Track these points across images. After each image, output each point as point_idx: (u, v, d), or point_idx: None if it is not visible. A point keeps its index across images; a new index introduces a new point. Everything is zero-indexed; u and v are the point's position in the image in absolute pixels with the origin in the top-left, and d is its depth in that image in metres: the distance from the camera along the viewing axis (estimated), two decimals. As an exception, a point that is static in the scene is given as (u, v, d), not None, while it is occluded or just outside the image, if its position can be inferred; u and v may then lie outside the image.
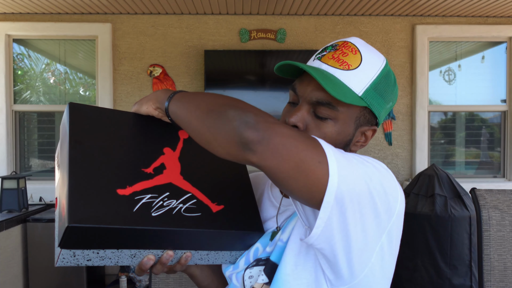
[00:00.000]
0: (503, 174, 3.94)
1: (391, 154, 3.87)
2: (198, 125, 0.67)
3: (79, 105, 0.77)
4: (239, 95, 3.72)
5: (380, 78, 0.77)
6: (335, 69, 0.75)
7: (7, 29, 3.68)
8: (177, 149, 0.83)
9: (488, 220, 1.23)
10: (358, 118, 0.78)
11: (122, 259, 0.73)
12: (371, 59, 0.77)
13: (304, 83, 0.78)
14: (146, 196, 0.73)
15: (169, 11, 3.70)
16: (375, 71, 0.77)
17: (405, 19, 3.83)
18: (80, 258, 0.70)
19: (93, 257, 0.71)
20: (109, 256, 0.72)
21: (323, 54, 0.78)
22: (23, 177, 3.04)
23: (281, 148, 0.61)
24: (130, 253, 0.73)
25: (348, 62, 0.75)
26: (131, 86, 3.77)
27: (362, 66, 0.75)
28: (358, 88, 0.75)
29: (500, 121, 3.95)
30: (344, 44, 0.78)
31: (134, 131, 0.80)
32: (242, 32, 3.76)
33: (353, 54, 0.76)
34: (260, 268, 0.82)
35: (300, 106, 0.77)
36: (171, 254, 0.75)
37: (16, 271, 2.90)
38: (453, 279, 2.91)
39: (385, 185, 0.69)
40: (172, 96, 0.75)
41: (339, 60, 0.76)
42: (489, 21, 3.82)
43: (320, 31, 3.80)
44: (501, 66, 3.94)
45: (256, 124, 0.61)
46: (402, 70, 3.85)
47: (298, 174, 0.62)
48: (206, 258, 0.82)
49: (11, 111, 3.75)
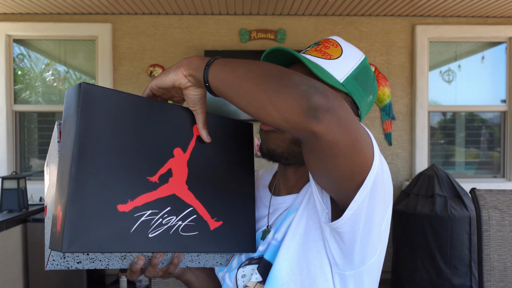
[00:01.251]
0: (503, 174, 3.94)
1: (391, 154, 3.87)
2: (251, 88, 0.62)
3: (93, 89, 0.68)
4: (239, 95, 3.72)
5: (359, 69, 0.82)
6: (318, 58, 0.80)
7: (7, 29, 3.68)
8: (187, 150, 0.79)
9: (488, 220, 1.23)
10: None
11: (112, 262, 0.73)
12: (351, 52, 0.82)
13: None
14: (147, 213, 0.72)
15: (169, 11, 3.71)
16: (354, 62, 0.81)
17: (405, 19, 3.83)
18: (70, 260, 0.70)
19: (83, 259, 0.70)
20: (99, 258, 0.71)
21: (307, 50, 0.84)
22: (23, 177, 3.04)
23: (345, 121, 0.57)
24: (121, 255, 0.73)
25: (329, 53, 0.81)
26: (131, 86, 3.77)
27: (342, 56, 0.80)
28: (340, 75, 0.79)
29: (500, 121, 3.95)
30: (326, 40, 0.84)
31: (146, 125, 0.75)
32: (242, 32, 3.76)
33: (334, 47, 0.82)
34: (253, 266, 0.82)
35: None
36: (161, 254, 0.75)
37: (16, 271, 2.90)
38: (453, 279, 2.91)
39: (388, 174, 0.72)
40: (213, 61, 0.70)
41: (321, 51, 0.81)
42: (489, 21, 3.82)
43: (320, 31, 3.80)
44: (501, 66, 3.95)
45: (326, 91, 0.57)
46: (402, 70, 3.85)
47: (351, 152, 0.60)
48: (197, 259, 0.82)
49: (11, 111, 3.76)
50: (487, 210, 1.23)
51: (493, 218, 1.23)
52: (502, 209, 1.23)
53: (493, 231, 1.22)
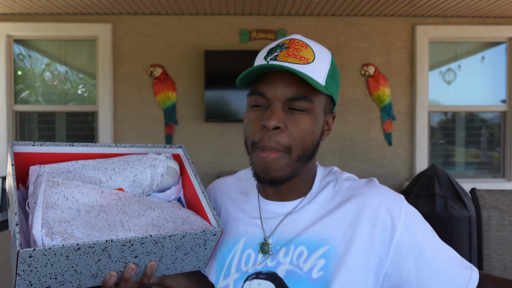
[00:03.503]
0: (503, 174, 3.94)
1: (391, 154, 3.87)
2: None
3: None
4: (239, 96, 3.72)
5: (332, 67, 0.81)
6: (298, 64, 0.77)
7: (8, 30, 3.69)
8: None
9: (488, 220, 1.23)
10: (325, 107, 0.82)
11: (84, 281, 0.71)
12: (321, 52, 0.81)
13: (271, 84, 0.77)
14: None
15: (169, 12, 3.71)
16: (327, 61, 0.80)
17: (405, 20, 3.83)
18: (37, 286, 0.68)
19: (51, 283, 0.68)
20: (69, 280, 0.69)
21: (276, 55, 0.79)
22: (24, 177, 3.04)
23: None
24: (91, 273, 0.70)
25: (305, 57, 0.78)
26: (132, 86, 3.77)
27: (316, 58, 0.79)
28: (321, 78, 0.78)
29: (500, 121, 3.95)
30: (292, 42, 0.80)
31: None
32: (242, 33, 3.76)
33: (305, 49, 0.79)
34: (259, 281, 0.80)
35: (274, 108, 0.76)
36: (133, 267, 0.73)
37: (17, 271, 2.90)
38: (453, 279, 2.91)
39: None
40: None
41: (296, 56, 0.78)
42: (489, 21, 3.83)
43: (320, 31, 3.81)
44: (501, 66, 3.95)
45: None
46: (402, 70, 3.85)
47: None
48: (173, 267, 0.80)
49: (11, 111, 3.76)
50: (487, 210, 1.23)
51: (493, 218, 1.23)
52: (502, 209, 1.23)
53: (493, 231, 1.22)
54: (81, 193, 0.76)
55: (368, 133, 3.86)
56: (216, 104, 3.71)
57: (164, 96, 3.74)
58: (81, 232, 0.70)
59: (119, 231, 0.73)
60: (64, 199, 0.74)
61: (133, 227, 0.74)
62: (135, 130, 3.78)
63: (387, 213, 0.78)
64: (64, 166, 0.81)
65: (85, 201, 0.76)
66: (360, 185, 0.83)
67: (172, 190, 0.91)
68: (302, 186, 0.85)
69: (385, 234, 0.77)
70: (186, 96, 3.79)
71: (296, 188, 0.85)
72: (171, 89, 3.74)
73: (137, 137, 3.76)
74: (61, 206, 0.73)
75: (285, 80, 0.77)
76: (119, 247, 0.69)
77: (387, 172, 3.85)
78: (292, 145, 0.77)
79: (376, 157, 3.86)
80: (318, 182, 0.87)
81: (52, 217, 0.70)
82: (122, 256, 0.71)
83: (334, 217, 0.80)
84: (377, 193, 0.80)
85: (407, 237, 0.77)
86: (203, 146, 3.79)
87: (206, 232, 0.78)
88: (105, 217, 0.75)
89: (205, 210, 0.86)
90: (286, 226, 0.83)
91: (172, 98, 3.74)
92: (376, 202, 0.79)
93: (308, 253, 0.79)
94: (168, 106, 3.75)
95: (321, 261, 0.77)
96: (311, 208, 0.83)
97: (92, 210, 0.75)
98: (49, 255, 0.64)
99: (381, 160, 3.86)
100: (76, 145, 0.82)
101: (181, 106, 3.79)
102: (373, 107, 3.84)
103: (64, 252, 0.65)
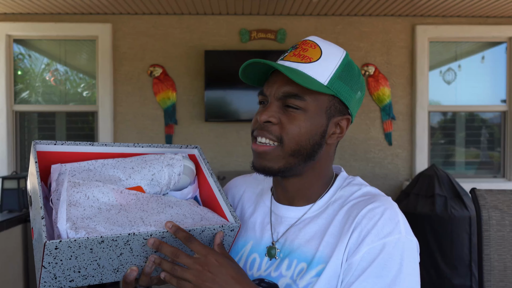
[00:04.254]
0: (503, 174, 3.94)
1: (391, 154, 3.87)
2: None
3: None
4: (239, 96, 3.72)
5: (342, 67, 0.80)
6: (297, 63, 0.78)
7: (8, 29, 3.68)
8: None
9: (488, 220, 1.23)
10: (328, 108, 0.81)
11: (105, 276, 0.73)
12: (331, 51, 0.81)
13: (270, 83, 0.82)
14: None
15: (169, 12, 3.71)
16: (336, 61, 0.80)
17: (405, 19, 3.83)
18: (62, 280, 0.70)
19: (75, 277, 0.70)
20: (92, 274, 0.71)
21: (285, 55, 0.82)
22: (24, 177, 3.04)
23: None
24: (113, 268, 0.72)
25: (308, 56, 0.79)
26: (132, 86, 3.77)
27: (322, 57, 0.79)
28: (323, 77, 0.78)
29: (500, 121, 3.95)
30: (303, 42, 0.82)
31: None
32: (242, 32, 3.76)
33: (312, 49, 0.80)
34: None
35: (269, 104, 0.81)
36: (153, 262, 0.74)
37: (16, 271, 2.90)
38: (453, 279, 2.91)
39: None
40: None
41: (300, 55, 0.79)
42: (489, 21, 3.82)
43: (320, 31, 3.80)
44: (501, 66, 3.95)
45: None
46: (402, 70, 3.85)
47: None
48: None
49: (11, 111, 3.76)
50: (487, 210, 1.23)
51: (493, 218, 1.23)
52: (502, 209, 1.23)
53: (493, 231, 1.22)
54: (101, 192, 0.79)
55: (368, 133, 3.85)
56: (216, 104, 3.71)
57: (164, 96, 3.74)
58: (103, 227, 0.73)
59: (140, 226, 0.75)
60: (85, 198, 0.77)
61: (153, 222, 0.77)
62: (135, 130, 3.78)
63: (369, 226, 0.75)
64: (84, 165, 0.85)
65: (105, 200, 0.79)
66: (369, 207, 0.78)
67: (189, 189, 0.95)
68: (311, 191, 0.85)
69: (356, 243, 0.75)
70: (186, 96, 3.78)
71: (305, 192, 0.85)
72: (171, 89, 3.74)
73: (137, 137, 3.76)
74: (83, 205, 0.76)
75: (281, 78, 0.80)
76: (140, 240, 0.71)
77: (387, 172, 3.85)
78: (284, 137, 0.78)
79: (376, 157, 3.86)
80: (332, 192, 0.85)
81: (74, 214, 0.74)
82: (143, 250, 0.73)
83: (334, 235, 0.78)
84: (378, 217, 0.76)
85: (359, 258, 0.73)
86: (203, 146, 3.79)
87: (224, 227, 0.80)
88: (125, 215, 0.78)
89: (222, 207, 0.88)
90: (291, 234, 0.83)
91: (172, 98, 3.74)
92: (371, 225, 0.75)
93: (306, 269, 0.78)
94: (168, 106, 3.75)
95: (315, 280, 0.76)
96: (318, 222, 0.82)
97: (112, 208, 0.78)
98: (74, 248, 0.67)
99: (381, 160, 3.86)
100: (95, 144, 0.86)
101: (181, 106, 3.79)
102: (373, 107, 3.84)
103: (88, 244, 0.67)
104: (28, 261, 3.00)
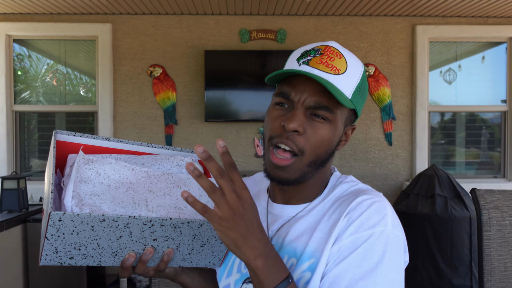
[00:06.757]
0: (503, 174, 3.94)
1: (391, 154, 3.87)
2: None
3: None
4: (239, 96, 3.72)
5: (362, 80, 0.81)
6: (328, 74, 0.77)
7: (8, 30, 3.68)
8: None
9: (489, 221, 1.23)
10: (346, 119, 0.82)
11: (104, 258, 0.75)
12: (354, 63, 0.80)
13: (299, 88, 0.78)
14: None
15: (169, 12, 3.70)
16: (358, 74, 0.80)
17: (405, 19, 3.83)
18: (62, 255, 0.73)
19: (75, 254, 0.73)
20: (91, 254, 0.74)
21: (309, 59, 0.79)
22: (24, 177, 3.04)
23: None
24: (112, 250, 0.75)
25: (336, 67, 0.78)
26: (132, 86, 3.77)
27: (348, 70, 0.78)
28: (348, 91, 0.78)
29: (500, 121, 3.95)
30: (328, 49, 0.80)
31: None
32: (242, 32, 3.76)
33: (338, 59, 0.79)
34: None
35: (296, 111, 0.77)
36: (151, 251, 0.76)
37: (16, 271, 2.90)
38: (453, 279, 2.91)
39: None
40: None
41: (328, 65, 0.77)
42: (489, 21, 3.82)
43: (320, 31, 3.80)
44: (501, 66, 3.95)
45: None
46: (402, 70, 3.85)
47: None
48: (189, 258, 0.83)
49: (11, 111, 3.76)
50: (488, 210, 1.23)
51: (493, 218, 1.22)
52: (503, 209, 1.23)
53: (494, 231, 1.22)
54: (113, 169, 0.83)
55: (368, 133, 3.85)
56: (216, 104, 3.71)
57: (164, 96, 3.74)
58: (108, 207, 0.76)
59: (143, 210, 0.79)
60: (96, 175, 0.81)
61: (156, 207, 0.80)
62: (135, 130, 3.78)
63: (359, 216, 0.75)
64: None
65: (116, 177, 0.83)
66: (357, 200, 0.79)
67: None
68: (310, 191, 0.85)
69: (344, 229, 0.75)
70: (186, 96, 3.78)
71: (303, 193, 0.85)
72: (171, 89, 3.74)
73: (137, 137, 3.76)
74: (93, 181, 0.80)
75: (312, 87, 0.77)
76: (140, 225, 0.73)
77: (387, 172, 3.85)
78: (307, 149, 0.77)
79: (376, 157, 3.86)
80: (327, 191, 0.86)
81: (84, 190, 0.77)
82: (142, 236, 0.75)
83: (324, 230, 0.78)
84: (365, 208, 0.76)
85: (348, 240, 0.73)
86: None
87: None
88: (131, 194, 0.81)
89: None
90: (283, 231, 0.83)
91: (172, 98, 3.74)
92: (357, 216, 0.75)
93: (296, 264, 0.78)
94: (168, 106, 3.75)
95: (307, 275, 0.76)
96: (308, 218, 0.82)
97: (121, 186, 0.82)
98: (77, 222, 0.69)
99: (381, 160, 3.86)
100: (111, 139, 0.90)
101: (181, 106, 3.78)
102: (373, 107, 3.84)
103: (90, 221, 0.70)
104: (28, 261, 3.00)
